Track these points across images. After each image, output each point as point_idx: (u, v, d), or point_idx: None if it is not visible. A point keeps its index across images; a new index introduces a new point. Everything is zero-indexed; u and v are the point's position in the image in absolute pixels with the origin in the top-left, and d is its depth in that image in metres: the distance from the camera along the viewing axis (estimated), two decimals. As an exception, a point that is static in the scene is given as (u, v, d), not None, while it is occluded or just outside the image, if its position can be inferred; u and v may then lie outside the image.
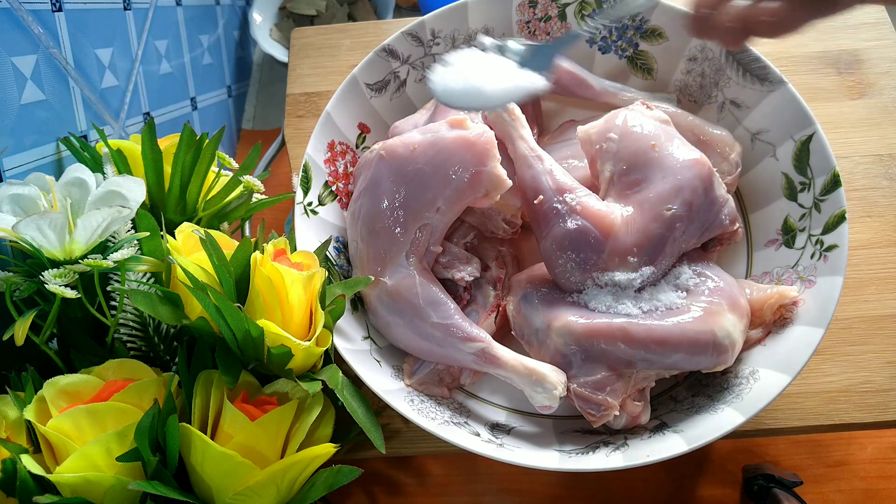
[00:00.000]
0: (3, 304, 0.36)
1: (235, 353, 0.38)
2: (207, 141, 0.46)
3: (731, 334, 0.40)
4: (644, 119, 0.45)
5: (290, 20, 0.81)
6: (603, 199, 0.44)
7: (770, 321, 0.44)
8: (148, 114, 0.59)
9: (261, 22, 0.80)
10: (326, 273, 0.42)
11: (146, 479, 0.34)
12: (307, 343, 0.38)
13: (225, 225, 0.49)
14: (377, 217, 0.44)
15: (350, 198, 0.52)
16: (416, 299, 0.43)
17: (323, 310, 0.41)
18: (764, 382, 0.41)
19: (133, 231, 0.40)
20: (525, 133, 0.46)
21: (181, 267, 0.36)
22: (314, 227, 0.49)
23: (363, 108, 0.53)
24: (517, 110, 0.46)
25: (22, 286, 0.36)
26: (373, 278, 0.44)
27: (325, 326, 0.41)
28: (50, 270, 0.35)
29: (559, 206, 0.43)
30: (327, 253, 0.48)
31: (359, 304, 0.48)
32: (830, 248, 0.43)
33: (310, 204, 0.49)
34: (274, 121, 0.81)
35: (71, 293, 0.34)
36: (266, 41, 0.79)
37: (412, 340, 0.45)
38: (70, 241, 0.36)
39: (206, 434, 0.35)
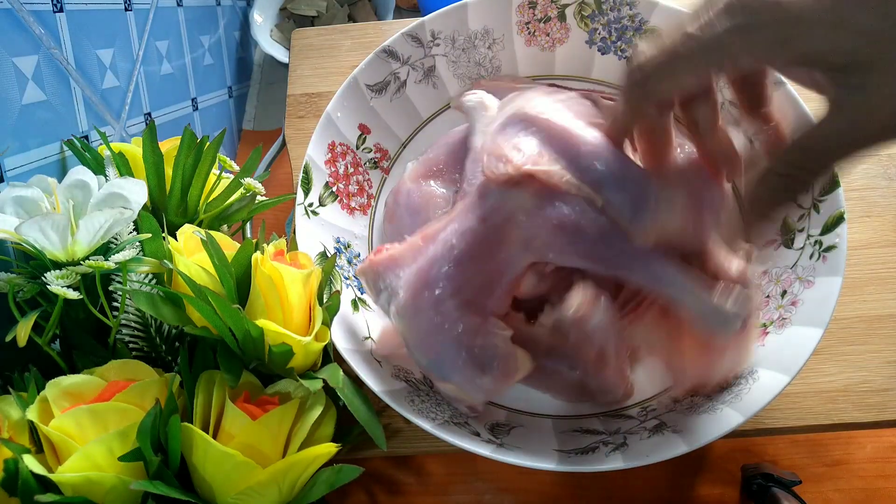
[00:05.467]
0: (6, 305, 0.36)
1: (237, 353, 0.38)
2: (208, 144, 0.46)
3: None
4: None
5: (290, 21, 0.81)
6: None
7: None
8: (149, 114, 0.59)
9: (261, 23, 0.80)
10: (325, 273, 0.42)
11: (148, 478, 0.34)
12: (307, 339, 0.38)
13: (224, 227, 0.49)
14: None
15: (350, 198, 0.53)
16: None
17: (321, 307, 0.41)
18: (763, 382, 0.41)
19: (135, 233, 0.41)
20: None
21: (181, 274, 0.36)
22: (315, 227, 0.49)
23: (363, 109, 0.53)
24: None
25: (25, 287, 0.36)
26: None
27: (322, 323, 0.41)
28: (52, 272, 0.35)
29: None
30: (327, 255, 0.48)
31: (359, 304, 0.48)
32: (829, 248, 0.43)
33: (311, 205, 0.49)
34: (275, 121, 0.81)
35: (73, 294, 0.35)
36: (267, 42, 0.79)
37: None
38: (72, 243, 0.36)
39: (207, 434, 0.35)
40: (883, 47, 0.26)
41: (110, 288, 0.39)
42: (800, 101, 0.46)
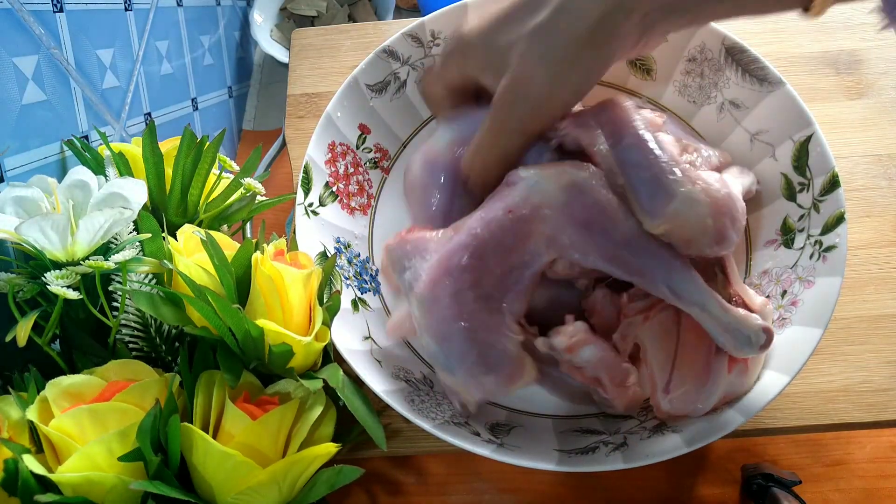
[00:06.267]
0: (6, 305, 0.36)
1: (237, 353, 0.38)
2: (208, 144, 0.46)
3: None
4: None
5: (290, 21, 0.81)
6: None
7: None
8: (149, 114, 0.59)
9: (261, 23, 0.80)
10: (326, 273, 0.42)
11: (148, 478, 0.34)
12: (307, 339, 0.38)
13: (224, 227, 0.49)
14: None
15: (350, 198, 0.53)
16: None
17: (321, 307, 0.41)
18: (763, 382, 0.41)
19: (135, 233, 0.41)
20: None
21: (181, 274, 0.36)
22: (315, 227, 0.49)
23: (364, 109, 0.53)
24: None
25: (25, 287, 0.36)
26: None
27: (322, 323, 0.41)
28: (52, 272, 0.35)
29: None
30: (328, 255, 0.48)
31: (359, 304, 0.48)
32: (829, 248, 0.43)
33: (311, 205, 0.49)
34: (275, 121, 0.81)
35: (73, 294, 0.35)
36: (267, 42, 0.79)
37: None
38: (72, 243, 0.36)
39: (207, 434, 0.35)
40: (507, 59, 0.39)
41: (110, 288, 0.39)
42: (799, 101, 0.46)
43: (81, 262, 0.36)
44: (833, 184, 0.44)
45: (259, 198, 0.50)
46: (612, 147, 0.39)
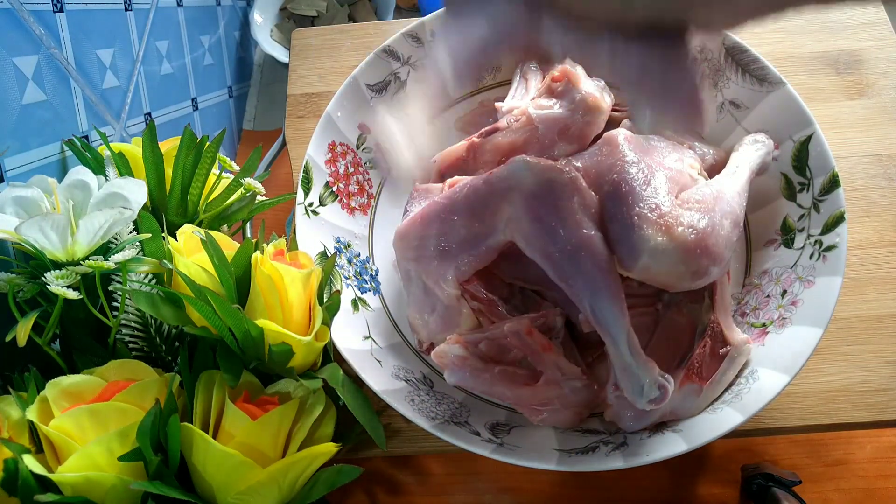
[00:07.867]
0: (6, 305, 0.36)
1: (237, 353, 0.38)
2: (208, 144, 0.46)
3: None
4: None
5: (290, 21, 0.81)
6: None
7: None
8: (149, 114, 0.59)
9: (261, 22, 0.80)
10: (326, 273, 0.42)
11: (148, 478, 0.34)
12: (307, 338, 0.38)
13: (224, 227, 0.49)
14: None
15: (350, 198, 0.53)
16: None
17: (321, 306, 0.41)
18: (763, 382, 0.41)
19: (135, 233, 0.41)
20: None
21: (180, 274, 0.36)
22: (315, 227, 0.49)
23: (364, 109, 0.53)
24: None
25: (25, 287, 0.36)
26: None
27: (322, 322, 0.41)
28: (52, 272, 0.35)
29: None
30: (328, 254, 0.48)
31: (359, 304, 0.48)
32: (829, 248, 0.43)
33: (311, 204, 0.49)
34: (275, 121, 0.81)
35: (73, 294, 0.35)
36: (267, 42, 0.79)
37: None
38: (72, 243, 0.36)
39: (207, 434, 0.35)
40: None
41: (110, 288, 0.39)
42: (799, 101, 0.46)
43: (81, 262, 0.36)
44: (833, 184, 0.44)
45: (259, 198, 0.50)
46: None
